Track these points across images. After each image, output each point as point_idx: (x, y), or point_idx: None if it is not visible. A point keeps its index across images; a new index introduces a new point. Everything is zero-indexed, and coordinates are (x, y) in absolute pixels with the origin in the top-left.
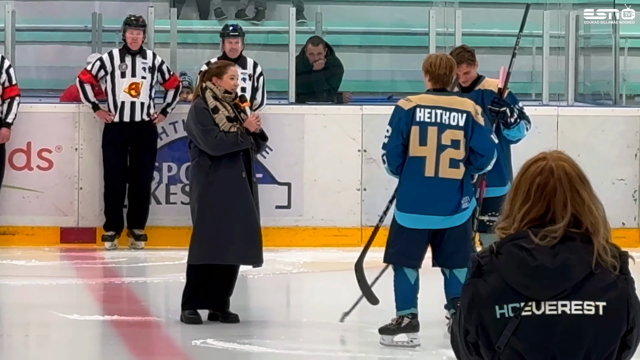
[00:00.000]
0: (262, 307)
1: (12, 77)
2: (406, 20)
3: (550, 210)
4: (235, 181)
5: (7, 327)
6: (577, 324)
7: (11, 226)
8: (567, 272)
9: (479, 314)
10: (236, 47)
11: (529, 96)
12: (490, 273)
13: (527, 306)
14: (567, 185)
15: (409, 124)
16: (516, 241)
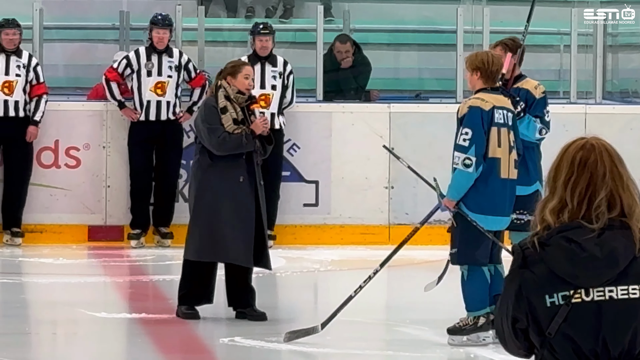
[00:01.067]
0: (290, 305)
1: (39, 75)
2: (434, 18)
3: (592, 185)
4: (231, 183)
5: (35, 324)
6: (624, 308)
7: (39, 224)
8: (614, 260)
9: (529, 302)
10: (267, 45)
11: (557, 94)
12: (536, 263)
13: (576, 293)
14: (608, 159)
15: (489, 125)
16: (564, 233)
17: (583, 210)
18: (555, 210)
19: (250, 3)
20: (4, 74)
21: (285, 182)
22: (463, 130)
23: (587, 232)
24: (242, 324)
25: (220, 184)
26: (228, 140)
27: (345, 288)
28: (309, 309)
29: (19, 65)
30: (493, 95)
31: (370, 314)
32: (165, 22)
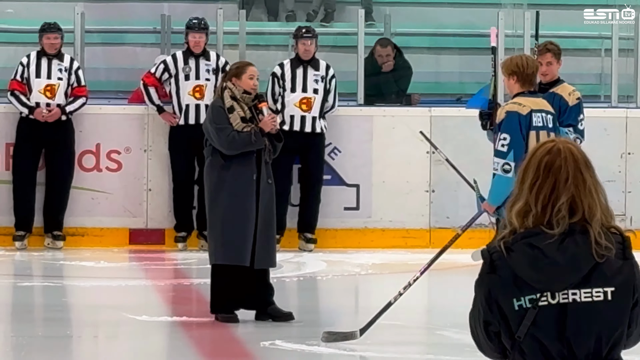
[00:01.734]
0: (331, 309)
1: (80, 79)
2: (475, 22)
3: (557, 192)
4: (245, 182)
5: (77, 328)
6: (588, 310)
7: (80, 227)
8: (576, 266)
9: (498, 306)
10: (310, 49)
11: (597, 98)
12: (503, 268)
13: (542, 297)
14: (572, 164)
15: (527, 129)
16: (527, 239)
17: (547, 215)
18: (521, 213)
19: (291, 7)
20: (46, 78)
21: (326, 185)
22: (501, 135)
23: (549, 238)
24: (283, 327)
25: (234, 183)
26: (237, 139)
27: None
28: (349, 313)
29: (61, 69)
30: (531, 98)
31: (411, 317)
32: (201, 25)
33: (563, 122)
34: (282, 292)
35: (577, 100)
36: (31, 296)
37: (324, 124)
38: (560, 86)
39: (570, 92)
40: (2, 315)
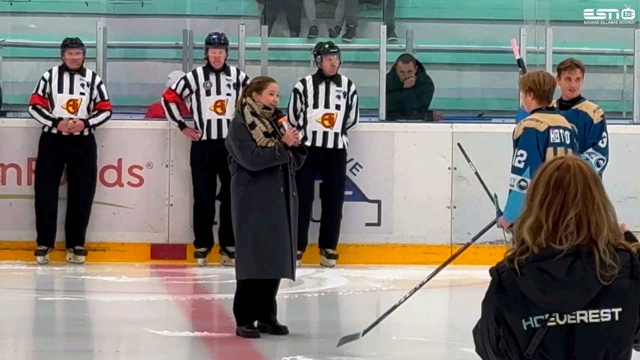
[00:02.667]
0: (352, 324)
1: (103, 93)
2: (497, 38)
3: (566, 208)
4: (274, 196)
5: (98, 342)
6: (595, 330)
7: (102, 242)
8: (585, 289)
9: (506, 325)
10: (335, 64)
11: (619, 114)
12: (511, 288)
13: (551, 317)
14: (581, 181)
15: (545, 145)
16: (537, 263)
17: (559, 232)
18: (533, 229)
19: (313, 22)
20: (69, 93)
21: (347, 201)
22: (518, 152)
23: (559, 263)
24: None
25: (263, 197)
26: (262, 154)
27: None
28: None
29: (83, 84)
30: (548, 115)
31: (432, 332)
32: (221, 41)
33: (587, 140)
34: (303, 307)
35: (602, 118)
36: (53, 310)
37: (346, 139)
38: (582, 103)
39: (594, 109)
40: (24, 329)
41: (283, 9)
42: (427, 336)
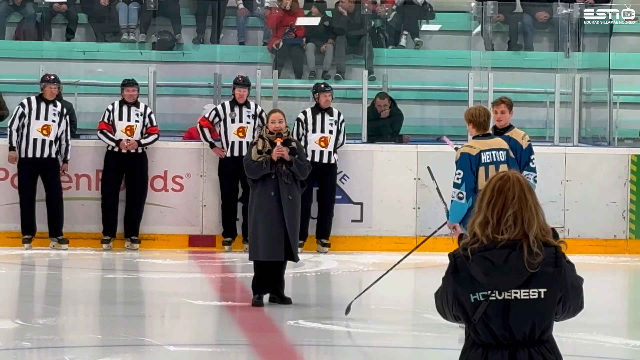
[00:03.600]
0: (341, 296)
1: (153, 120)
2: (451, 80)
3: (506, 208)
4: (265, 198)
5: (149, 309)
6: (525, 305)
7: (152, 233)
8: (517, 274)
9: (459, 298)
10: (329, 99)
11: (544, 139)
12: (463, 270)
13: (492, 293)
14: (518, 188)
15: (477, 166)
16: (482, 252)
17: (502, 225)
18: (482, 225)
19: (312, 68)
20: (127, 121)
21: (337, 203)
22: (456, 171)
23: (498, 253)
24: (303, 309)
25: (258, 198)
26: (251, 166)
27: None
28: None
29: (137, 114)
30: (482, 140)
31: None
32: (245, 82)
33: (520, 162)
34: (303, 283)
35: (528, 143)
36: (114, 285)
37: (336, 157)
38: (512, 131)
39: (522, 136)
40: (93, 299)
41: (289, 58)
42: (398, 305)
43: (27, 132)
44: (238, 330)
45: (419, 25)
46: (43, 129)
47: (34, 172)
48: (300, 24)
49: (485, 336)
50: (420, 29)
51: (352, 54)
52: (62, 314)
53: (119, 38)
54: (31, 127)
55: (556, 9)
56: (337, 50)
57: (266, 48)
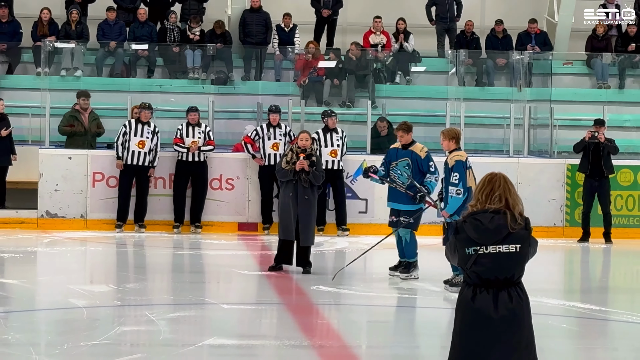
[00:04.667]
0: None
1: (210, 136)
2: (433, 108)
3: (493, 191)
4: (285, 197)
5: (207, 276)
6: (506, 256)
7: (210, 221)
8: (498, 231)
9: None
10: (335, 122)
11: (502, 152)
12: (462, 232)
13: (481, 247)
14: (504, 181)
15: (466, 169)
16: (474, 216)
17: (487, 202)
18: (475, 203)
19: (328, 99)
20: (192, 137)
21: (348, 199)
22: (454, 174)
23: (487, 216)
24: (322, 278)
25: (282, 198)
26: (280, 172)
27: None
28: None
29: (200, 132)
30: (462, 151)
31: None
32: (276, 109)
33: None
34: (322, 258)
35: (426, 153)
36: (182, 259)
37: (342, 164)
38: (414, 145)
39: (420, 148)
40: (166, 270)
41: (312, 91)
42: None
43: (128, 146)
44: (274, 292)
45: (409, 67)
46: (139, 143)
47: (131, 175)
48: (320, 66)
49: (475, 279)
50: (410, 70)
51: (359, 88)
52: (144, 281)
53: (186, 76)
54: (131, 142)
55: (511, 56)
56: (348, 86)
57: (296, 84)
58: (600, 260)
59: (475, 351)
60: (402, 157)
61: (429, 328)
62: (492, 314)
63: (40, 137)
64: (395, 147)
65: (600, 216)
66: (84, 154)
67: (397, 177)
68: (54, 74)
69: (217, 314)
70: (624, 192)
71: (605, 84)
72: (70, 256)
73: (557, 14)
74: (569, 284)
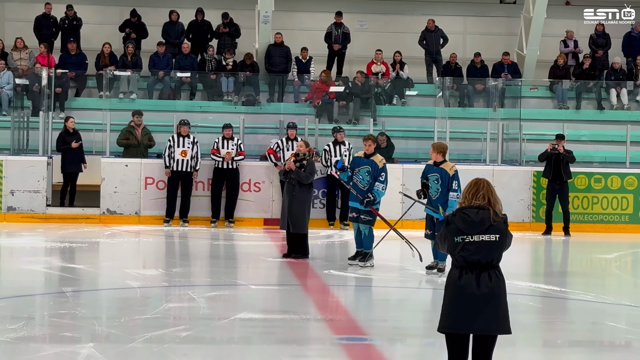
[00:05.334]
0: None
1: (241, 147)
2: (423, 125)
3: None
4: (283, 194)
5: (239, 262)
6: (488, 244)
7: (241, 217)
8: (482, 223)
9: (449, 240)
10: (343, 136)
11: (479, 161)
12: (452, 224)
13: (467, 237)
14: (487, 185)
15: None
16: (462, 211)
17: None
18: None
19: (337, 118)
20: (227, 148)
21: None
22: (453, 181)
23: (473, 210)
24: (333, 264)
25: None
26: (279, 174)
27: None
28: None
29: (232, 144)
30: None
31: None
32: (294, 126)
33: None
34: (332, 248)
35: (383, 164)
36: (218, 249)
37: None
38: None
39: (380, 159)
40: (205, 256)
41: (325, 111)
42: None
43: (173, 156)
44: (292, 276)
45: (404, 91)
46: (182, 153)
47: (177, 179)
48: (331, 90)
49: (462, 262)
50: (405, 94)
51: (363, 108)
52: (187, 266)
53: (221, 98)
54: (175, 152)
55: (488, 82)
56: (354, 106)
57: (311, 105)
58: (561, 250)
59: (461, 321)
60: (364, 165)
61: (420, 304)
62: (475, 291)
63: (102, 149)
64: (359, 156)
65: (561, 214)
66: (137, 162)
67: (358, 181)
68: (114, 97)
69: (246, 292)
70: (580, 194)
71: (565, 106)
72: (126, 246)
73: (526, 48)
74: (534, 269)
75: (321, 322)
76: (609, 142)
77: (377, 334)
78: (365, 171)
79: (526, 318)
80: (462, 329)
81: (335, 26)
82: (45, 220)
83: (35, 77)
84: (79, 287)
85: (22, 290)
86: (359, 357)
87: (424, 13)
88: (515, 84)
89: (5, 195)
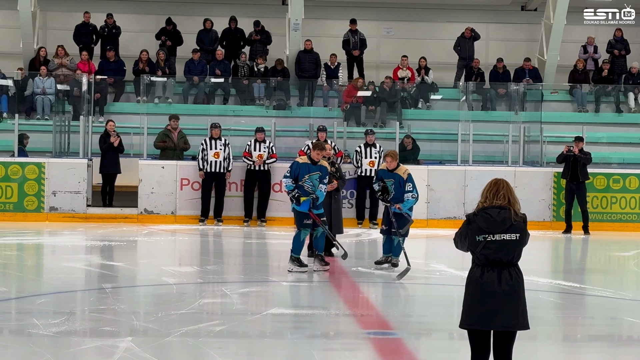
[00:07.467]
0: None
1: (273, 150)
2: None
3: (499, 191)
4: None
5: (271, 259)
6: (509, 243)
7: (272, 217)
8: (503, 222)
9: (469, 239)
10: (373, 139)
11: (502, 162)
12: (473, 222)
13: (489, 236)
14: (506, 185)
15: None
16: (484, 210)
17: (494, 200)
18: (482, 202)
19: (365, 121)
20: (259, 151)
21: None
22: (408, 183)
23: (495, 210)
24: (361, 261)
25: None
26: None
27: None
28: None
29: (264, 147)
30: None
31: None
32: (323, 129)
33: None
34: (361, 246)
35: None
36: (250, 247)
37: None
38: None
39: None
40: (238, 254)
41: (353, 115)
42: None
43: (206, 158)
44: (322, 273)
45: (429, 95)
46: (215, 155)
47: (211, 181)
48: (360, 94)
49: (483, 260)
50: (430, 98)
51: (389, 112)
52: (221, 263)
53: (254, 103)
54: (208, 154)
55: (510, 86)
56: (381, 110)
57: (340, 109)
58: (580, 248)
59: (482, 318)
60: (314, 171)
61: (444, 300)
62: (496, 288)
63: (140, 151)
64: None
65: (580, 213)
66: (173, 164)
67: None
68: (150, 102)
69: (278, 289)
70: (599, 194)
71: (584, 109)
72: (163, 244)
73: (546, 54)
74: (554, 266)
75: (350, 317)
76: (627, 144)
77: (403, 329)
78: (316, 177)
79: (546, 313)
80: (483, 325)
81: (351, 33)
82: (86, 219)
83: (75, 83)
84: (118, 283)
85: (64, 287)
86: (386, 350)
87: (448, 20)
88: (536, 88)
89: (48, 196)
